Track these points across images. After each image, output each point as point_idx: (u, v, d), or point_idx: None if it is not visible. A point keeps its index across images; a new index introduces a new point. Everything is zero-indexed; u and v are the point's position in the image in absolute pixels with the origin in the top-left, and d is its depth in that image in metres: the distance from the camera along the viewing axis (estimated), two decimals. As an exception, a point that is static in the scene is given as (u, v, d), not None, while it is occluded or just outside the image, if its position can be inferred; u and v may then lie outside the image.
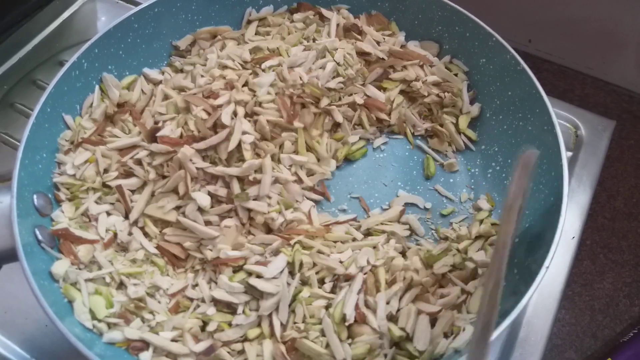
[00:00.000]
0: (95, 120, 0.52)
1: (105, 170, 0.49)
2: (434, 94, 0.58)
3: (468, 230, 0.53)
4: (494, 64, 0.57)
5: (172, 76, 0.57)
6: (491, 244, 0.50)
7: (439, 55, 0.61)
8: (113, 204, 0.49)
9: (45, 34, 0.73)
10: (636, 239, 0.62)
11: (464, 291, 0.46)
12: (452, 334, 0.43)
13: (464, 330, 0.43)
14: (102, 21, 0.75)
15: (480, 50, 0.58)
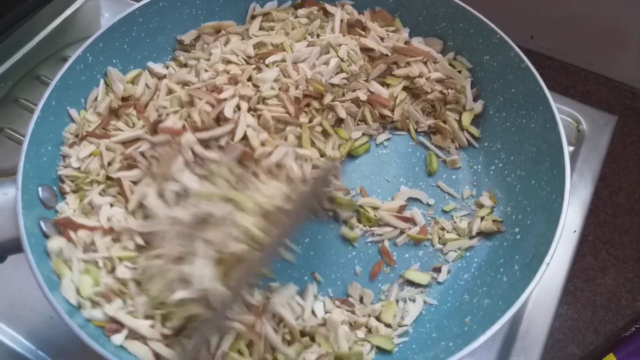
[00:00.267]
0: (100, 114, 0.53)
1: (109, 163, 0.49)
2: (437, 91, 0.58)
3: (469, 227, 0.53)
4: (498, 61, 0.57)
5: (176, 70, 0.57)
6: None
7: (443, 52, 0.61)
8: (115, 196, 0.49)
9: (49, 30, 0.73)
10: (638, 235, 0.62)
11: None
12: None
13: None
14: (106, 17, 0.75)
15: (484, 47, 0.58)
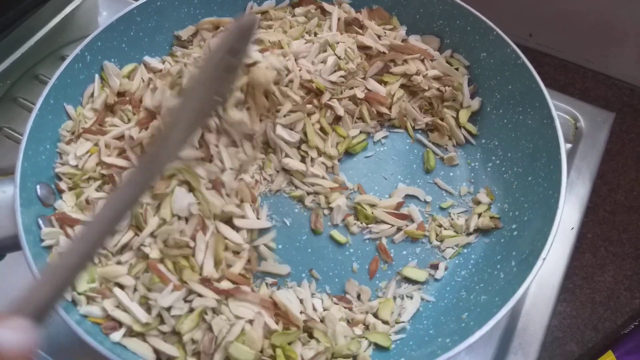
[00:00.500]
0: (96, 110, 0.53)
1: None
2: (434, 88, 0.58)
3: (466, 224, 0.53)
4: (495, 58, 0.57)
5: (173, 65, 0.57)
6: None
7: (440, 50, 0.61)
8: (109, 193, 0.49)
9: (47, 30, 0.73)
10: (637, 232, 0.62)
11: None
12: None
13: None
14: (104, 16, 0.75)
15: (481, 44, 0.58)
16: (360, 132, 0.58)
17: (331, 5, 0.62)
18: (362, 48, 0.59)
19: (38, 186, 0.46)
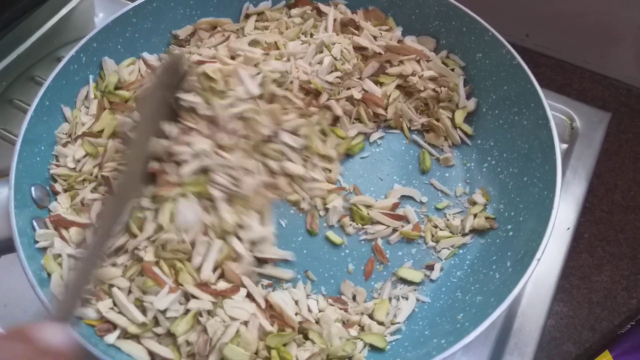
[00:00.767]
0: (93, 115, 0.53)
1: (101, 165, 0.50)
2: (430, 89, 0.58)
3: (461, 224, 0.53)
4: (490, 58, 0.57)
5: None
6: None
7: (436, 50, 0.61)
8: (104, 194, 0.49)
9: (43, 31, 0.73)
10: (634, 232, 0.62)
11: None
12: None
13: None
14: (100, 17, 0.75)
15: (476, 45, 0.58)
16: (358, 134, 0.58)
17: (327, 6, 0.62)
18: (358, 49, 0.59)
19: (33, 188, 0.46)
